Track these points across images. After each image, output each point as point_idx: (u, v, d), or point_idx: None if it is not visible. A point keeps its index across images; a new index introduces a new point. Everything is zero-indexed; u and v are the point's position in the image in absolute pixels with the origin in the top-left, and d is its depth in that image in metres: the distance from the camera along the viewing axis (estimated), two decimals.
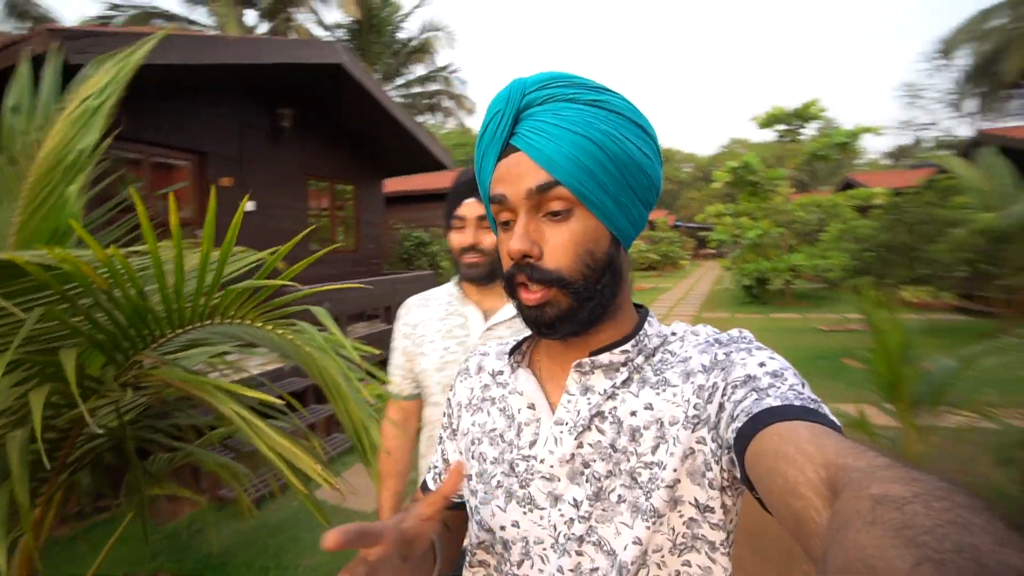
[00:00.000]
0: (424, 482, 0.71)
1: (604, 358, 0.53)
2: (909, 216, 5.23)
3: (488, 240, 1.08)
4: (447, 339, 1.11)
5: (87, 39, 2.74)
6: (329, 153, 6.12)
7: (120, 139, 2.23)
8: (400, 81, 19.07)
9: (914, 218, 5.19)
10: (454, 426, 0.66)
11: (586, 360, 0.53)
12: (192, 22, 13.15)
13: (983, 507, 0.23)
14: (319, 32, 15.30)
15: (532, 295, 0.50)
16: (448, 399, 0.68)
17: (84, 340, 1.29)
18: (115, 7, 12.07)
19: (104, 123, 1.81)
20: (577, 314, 0.50)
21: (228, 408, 1.23)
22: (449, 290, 1.17)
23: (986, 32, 17.58)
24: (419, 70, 19.22)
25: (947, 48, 18.67)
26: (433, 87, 19.68)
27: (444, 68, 19.54)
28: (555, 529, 0.52)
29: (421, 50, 18.65)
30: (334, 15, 15.47)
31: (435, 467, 0.69)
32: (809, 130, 11.10)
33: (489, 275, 1.09)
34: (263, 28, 13.63)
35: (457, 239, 1.08)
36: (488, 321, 1.10)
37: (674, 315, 10.05)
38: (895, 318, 2.28)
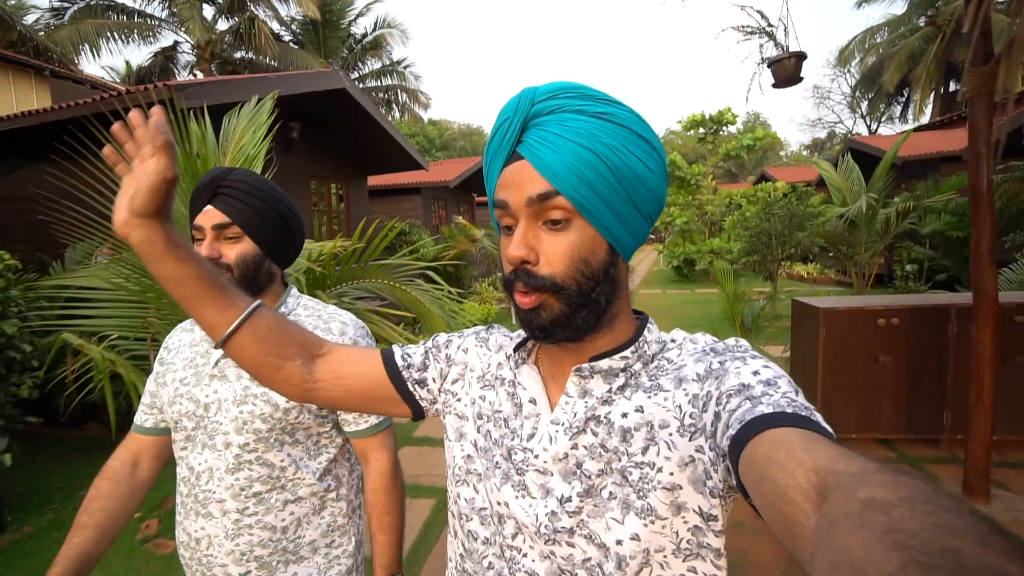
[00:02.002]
0: (390, 351, 0.68)
1: (604, 364, 0.54)
2: (779, 211, 7.09)
3: (231, 252, 0.90)
4: (187, 368, 0.96)
5: (195, 88, 3.78)
6: (326, 157, 7.15)
7: None
8: (355, 75, 19.57)
9: (783, 212, 7.05)
10: (452, 376, 0.66)
11: (586, 365, 0.54)
12: (146, 15, 13.22)
13: (966, 510, 0.24)
14: (275, 26, 15.65)
15: (526, 299, 0.51)
16: (452, 344, 0.68)
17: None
18: (64, 0, 12.03)
19: (262, 164, 2.98)
20: (570, 320, 0.51)
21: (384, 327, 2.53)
22: None
23: (871, 47, 20.52)
24: (375, 64, 19.82)
25: (843, 57, 21.61)
26: (388, 81, 20.33)
27: (399, 63, 20.21)
28: (537, 519, 0.54)
29: (375, 45, 19.25)
30: (290, 10, 15.75)
31: (406, 354, 0.67)
32: (731, 129, 13.08)
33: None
34: (223, 25, 13.91)
35: None
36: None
37: None
38: (731, 281, 3.85)
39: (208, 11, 13.65)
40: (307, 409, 0.92)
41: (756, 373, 0.46)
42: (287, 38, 17.12)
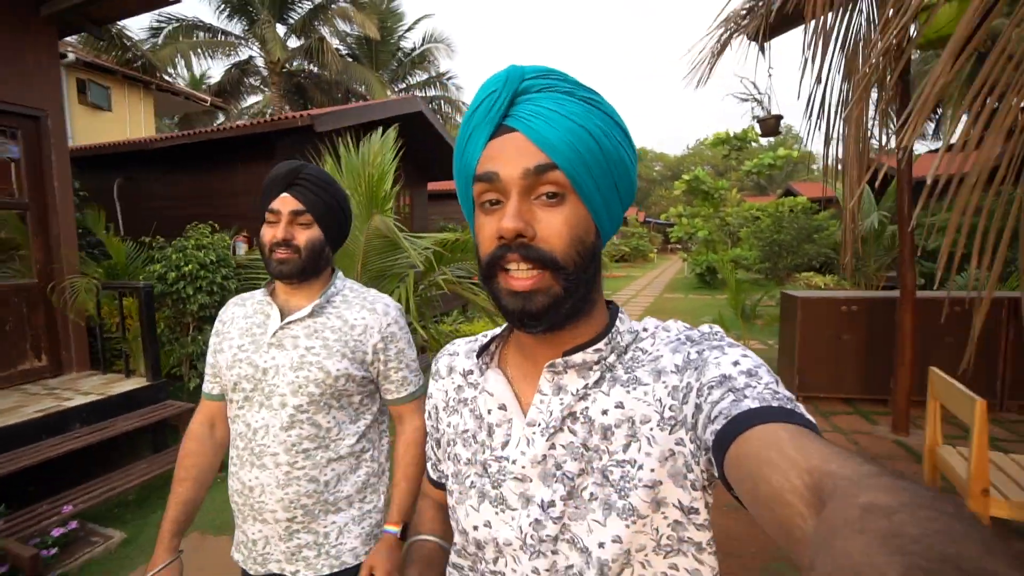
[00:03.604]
0: (428, 474, 0.74)
1: (577, 358, 0.53)
2: (788, 224, 8.04)
3: (302, 236, 1.02)
4: (244, 337, 1.07)
5: (325, 116, 5.06)
6: (400, 167, 8.44)
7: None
8: (402, 86, 21.07)
9: (790, 225, 7.99)
10: (438, 428, 0.67)
11: (559, 360, 0.53)
12: (227, 33, 14.92)
13: (967, 516, 0.24)
14: (335, 42, 17.26)
15: (523, 280, 0.49)
16: (431, 407, 0.69)
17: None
18: (162, 20, 13.78)
19: (392, 176, 4.18)
20: (564, 303, 0.50)
21: (476, 298, 3.69)
22: (265, 290, 1.12)
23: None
24: (422, 76, 21.29)
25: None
26: (432, 92, 21.76)
27: (443, 75, 21.63)
28: (521, 531, 0.53)
29: (422, 59, 20.73)
30: (350, 27, 17.36)
31: (438, 468, 0.72)
32: (764, 142, 13.92)
33: (300, 271, 1.02)
34: (293, 43, 15.52)
35: (269, 233, 1.02)
36: (284, 319, 1.05)
37: (640, 296, 12.70)
38: (735, 277, 4.88)
39: (280, 29, 15.28)
40: (352, 379, 1.05)
41: (736, 363, 0.46)
42: (343, 52, 18.73)
